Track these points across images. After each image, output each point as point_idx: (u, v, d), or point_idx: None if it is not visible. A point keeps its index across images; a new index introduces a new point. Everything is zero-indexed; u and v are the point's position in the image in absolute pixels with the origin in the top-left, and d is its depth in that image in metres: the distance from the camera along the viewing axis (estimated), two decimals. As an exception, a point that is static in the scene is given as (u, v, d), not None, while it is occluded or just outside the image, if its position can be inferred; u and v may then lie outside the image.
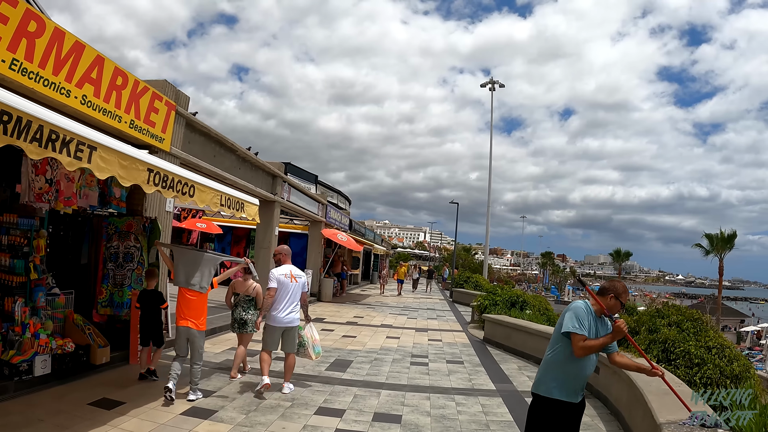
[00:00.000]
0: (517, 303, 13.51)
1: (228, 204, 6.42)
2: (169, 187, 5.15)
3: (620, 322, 3.53)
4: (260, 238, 15.05)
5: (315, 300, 19.93)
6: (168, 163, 5.49)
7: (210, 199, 5.92)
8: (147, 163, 4.77)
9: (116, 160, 4.38)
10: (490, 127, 38.89)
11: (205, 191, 5.82)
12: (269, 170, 14.45)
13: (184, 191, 5.41)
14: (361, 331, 12.69)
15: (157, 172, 4.91)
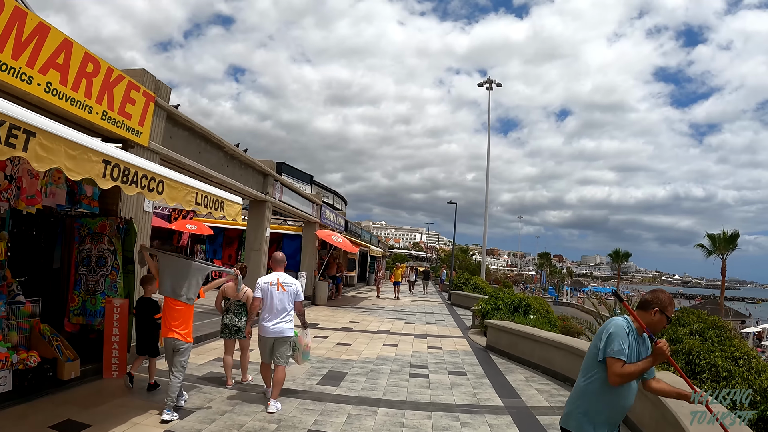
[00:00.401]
0: (521, 307, 12.85)
1: (204, 202, 5.73)
2: (131, 182, 4.45)
3: (662, 344, 2.91)
4: (251, 239, 14.35)
5: (309, 303, 19.23)
6: (132, 155, 4.79)
7: (182, 196, 5.23)
8: (102, 153, 4.09)
9: (62, 149, 3.69)
10: (488, 126, 38.32)
11: (177, 188, 5.13)
12: (260, 168, 13.76)
13: (150, 187, 4.72)
14: (357, 337, 12.00)
15: (115, 165, 4.21)
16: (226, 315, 7.01)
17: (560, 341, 8.68)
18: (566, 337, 9.30)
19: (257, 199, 14.03)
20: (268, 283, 6.14)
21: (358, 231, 31.11)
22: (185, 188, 5.28)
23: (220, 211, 6.21)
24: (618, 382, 2.90)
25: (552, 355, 8.88)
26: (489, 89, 38.09)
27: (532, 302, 13.15)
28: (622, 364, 2.88)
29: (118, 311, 7.10)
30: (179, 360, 5.62)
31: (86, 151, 3.92)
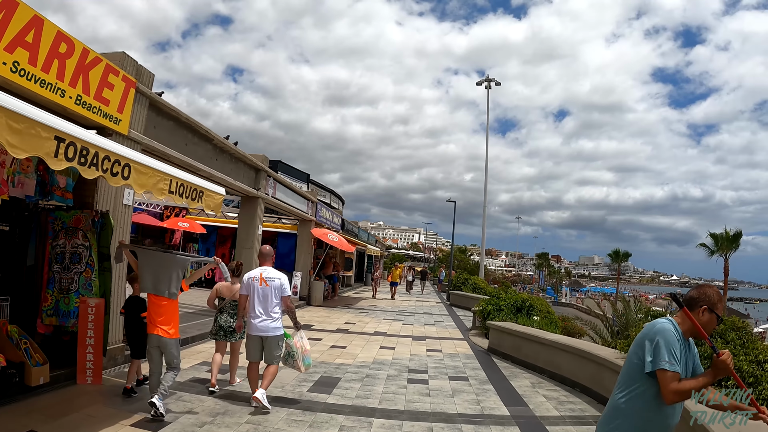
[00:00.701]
0: (524, 308, 12.30)
1: (180, 191, 5.18)
2: (90, 164, 3.90)
3: (725, 356, 2.39)
4: (242, 237, 13.78)
5: (304, 304, 18.68)
6: (93, 134, 4.22)
7: (153, 184, 4.68)
8: (55, 129, 3.54)
9: (3, 121, 3.15)
10: (486, 125, 37.79)
11: (146, 173, 4.57)
12: (252, 163, 13.20)
13: (114, 171, 4.17)
14: (352, 340, 11.44)
15: (71, 143, 3.67)
16: (221, 315, 6.69)
17: (568, 344, 8.14)
18: (574, 340, 8.76)
19: (249, 195, 13.47)
20: (251, 278, 5.88)
21: (356, 230, 30.54)
22: (156, 174, 4.73)
23: (199, 201, 5.67)
24: (674, 400, 2.40)
25: (559, 359, 8.34)
26: (488, 88, 37.68)
27: (536, 303, 12.61)
28: (677, 378, 2.36)
29: (93, 312, 6.54)
30: (171, 358, 5.46)
31: (34, 125, 3.38)
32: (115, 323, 7.52)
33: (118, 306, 7.42)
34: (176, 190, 5.19)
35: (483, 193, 34.00)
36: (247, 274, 6.02)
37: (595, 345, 8.21)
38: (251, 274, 5.96)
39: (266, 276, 5.89)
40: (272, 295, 5.83)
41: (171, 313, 5.55)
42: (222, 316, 6.68)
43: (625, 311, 12.66)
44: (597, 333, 12.50)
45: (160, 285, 5.51)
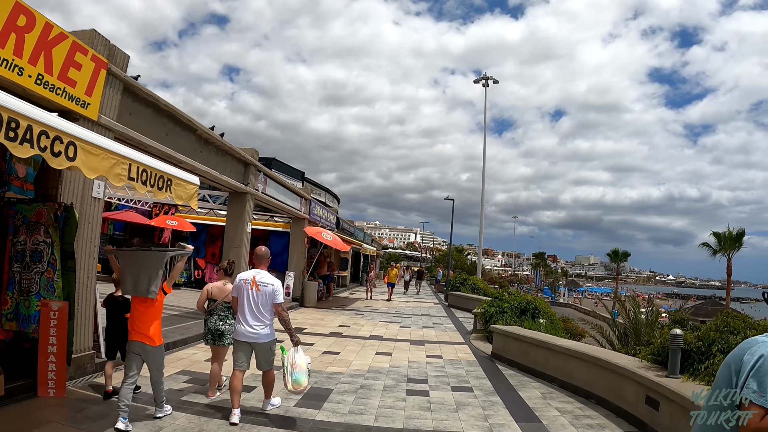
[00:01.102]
0: (528, 310, 11.61)
1: (143, 178, 4.46)
2: (23, 140, 3.20)
3: None
4: (230, 235, 13.05)
5: (297, 305, 17.95)
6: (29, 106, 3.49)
7: (108, 168, 3.96)
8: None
9: None
10: (484, 123, 37.22)
11: (98, 155, 3.85)
12: (240, 157, 12.47)
13: (56, 150, 3.45)
14: (347, 344, 10.72)
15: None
16: (210, 318, 6.28)
17: (583, 351, 7.44)
18: (589, 347, 8.05)
19: (237, 190, 12.74)
20: (243, 280, 5.53)
21: (351, 229, 29.83)
22: (112, 156, 4.00)
23: (167, 191, 4.95)
24: None
25: (571, 367, 7.65)
26: (485, 86, 37.14)
27: (541, 305, 11.92)
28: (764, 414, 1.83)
29: (55, 316, 5.84)
30: (153, 366, 5.16)
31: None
32: (83, 328, 6.81)
33: (83, 309, 6.73)
34: (138, 177, 4.47)
35: (479, 193, 33.48)
36: (240, 276, 5.64)
37: (613, 353, 7.52)
38: (243, 276, 5.58)
39: (259, 280, 5.51)
40: (263, 301, 5.46)
41: (153, 317, 5.17)
42: (211, 319, 6.25)
43: (635, 314, 12.00)
44: (604, 336, 11.83)
45: (139, 285, 5.16)
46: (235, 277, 5.85)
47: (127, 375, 5.06)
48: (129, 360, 5.17)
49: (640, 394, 6.06)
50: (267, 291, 5.48)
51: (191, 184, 5.49)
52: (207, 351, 9.05)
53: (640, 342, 11.53)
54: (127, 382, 4.99)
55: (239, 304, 5.51)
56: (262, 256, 5.75)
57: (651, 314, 12.11)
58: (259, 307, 5.43)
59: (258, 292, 5.44)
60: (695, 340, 6.22)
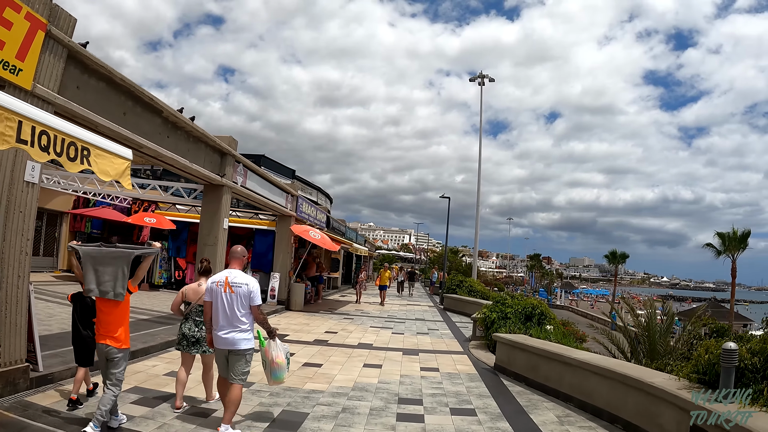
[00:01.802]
0: (534, 315, 10.46)
1: (43, 143, 3.27)
2: None
3: None
4: (204, 232, 11.82)
5: (283, 309, 16.74)
6: None
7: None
8: None
9: None
10: (480, 122, 36.19)
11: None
12: (215, 145, 11.25)
13: None
14: (331, 354, 9.52)
15: None
16: (185, 323, 5.81)
17: (606, 366, 6.27)
18: (613, 361, 6.86)
19: (212, 182, 11.51)
20: (215, 283, 5.09)
21: (342, 228, 28.64)
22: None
23: (83, 163, 3.75)
24: None
25: (591, 385, 6.48)
26: (481, 84, 36.18)
27: (546, 310, 10.76)
28: None
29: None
30: (113, 372, 4.80)
31: None
32: (12, 337, 5.64)
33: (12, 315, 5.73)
34: (35, 140, 3.28)
35: (473, 195, 32.52)
36: (212, 278, 5.21)
37: (644, 369, 6.32)
38: (215, 278, 5.15)
39: (232, 281, 5.04)
40: (238, 304, 5.00)
41: (119, 319, 4.86)
42: (186, 324, 5.79)
43: (649, 320, 10.85)
44: (614, 343, 10.68)
45: (103, 286, 4.80)
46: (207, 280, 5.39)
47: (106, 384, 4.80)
48: (101, 365, 4.92)
49: (683, 421, 4.90)
50: (242, 292, 5.01)
51: (120, 158, 4.29)
52: (171, 362, 7.93)
53: (655, 351, 10.39)
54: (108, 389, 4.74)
55: (213, 308, 5.06)
56: (238, 255, 5.29)
57: (665, 320, 10.97)
58: (234, 310, 4.97)
59: (232, 294, 4.99)
60: (749, 355, 5.08)
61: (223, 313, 4.98)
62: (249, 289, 5.03)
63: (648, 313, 11.28)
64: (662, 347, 10.23)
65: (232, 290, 5.00)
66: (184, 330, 5.76)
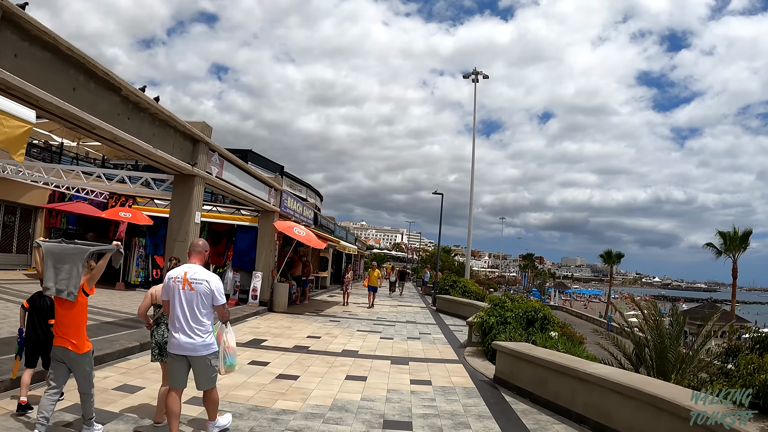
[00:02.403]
0: (536, 320, 9.48)
1: None
2: None
3: None
4: (174, 226, 10.74)
5: (265, 310, 15.68)
6: None
7: None
8: None
9: None
10: (473, 119, 35.39)
11: None
12: (187, 131, 10.18)
13: None
14: (310, 364, 8.49)
15: None
16: (157, 329, 5.26)
17: (629, 384, 5.27)
18: (636, 377, 5.83)
19: (182, 171, 10.44)
20: (172, 278, 4.62)
21: (331, 226, 27.58)
22: None
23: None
24: None
25: (610, 405, 5.50)
26: (475, 81, 35.38)
27: (550, 314, 9.78)
28: None
29: None
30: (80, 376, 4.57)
31: None
32: None
33: None
34: None
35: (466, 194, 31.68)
36: (168, 274, 4.71)
37: (676, 387, 5.29)
38: (173, 273, 4.67)
39: (191, 277, 4.58)
40: (198, 303, 4.53)
41: (77, 320, 4.59)
42: (158, 330, 5.23)
43: (656, 323, 9.88)
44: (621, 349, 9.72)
45: (59, 284, 4.59)
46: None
47: (50, 384, 4.55)
48: (52, 368, 4.64)
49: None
50: (201, 289, 4.53)
51: (16, 120, 3.31)
52: (126, 373, 6.97)
53: (665, 360, 9.42)
54: (49, 392, 4.46)
55: (170, 307, 4.59)
56: (197, 248, 4.80)
57: (675, 324, 10.00)
58: (193, 309, 4.50)
59: (191, 292, 4.51)
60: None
61: (181, 312, 4.49)
62: (209, 287, 4.55)
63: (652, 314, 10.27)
64: (673, 355, 9.28)
65: (192, 287, 4.52)
66: (157, 337, 5.19)
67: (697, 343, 9.70)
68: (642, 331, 10.09)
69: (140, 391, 6.17)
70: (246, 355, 8.83)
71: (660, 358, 9.28)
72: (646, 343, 9.89)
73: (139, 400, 5.80)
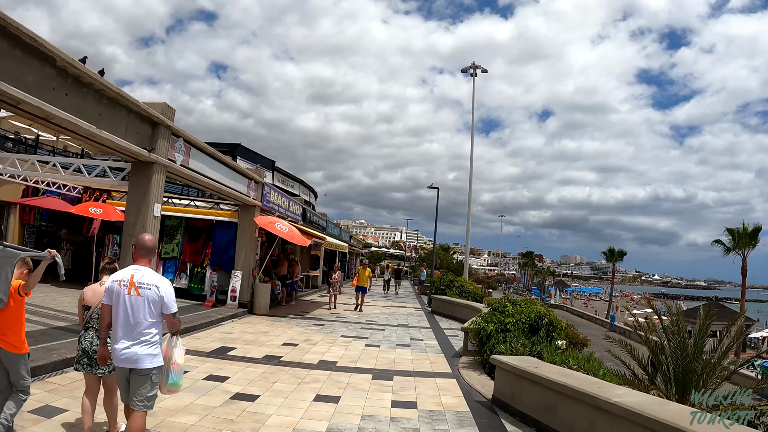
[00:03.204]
0: (541, 327, 8.25)
1: None
2: None
3: None
4: (130, 221, 9.48)
5: (245, 312, 14.45)
6: None
7: None
8: None
9: None
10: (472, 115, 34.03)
11: None
12: (144, 112, 8.92)
13: None
14: (277, 379, 7.25)
15: None
16: (86, 334, 4.67)
17: (672, 423, 4.02)
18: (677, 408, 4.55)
19: (138, 158, 9.18)
20: (117, 281, 4.05)
21: (323, 223, 26.31)
22: None
23: None
24: None
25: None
26: (473, 75, 34.14)
27: (556, 319, 8.55)
28: None
29: None
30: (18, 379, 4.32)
31: None
32: None
33: None
34: None
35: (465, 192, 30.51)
36: (113, 276, 4.18)
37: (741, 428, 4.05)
38: (118, 276, 4.14)
39: (138, 280, 4.05)
40: (145, 310, 4.01)
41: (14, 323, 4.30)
42: (87, 335, 4.65)
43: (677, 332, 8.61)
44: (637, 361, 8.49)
45: None
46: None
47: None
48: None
49: None
50: (150, 296, 4.06)
51: None
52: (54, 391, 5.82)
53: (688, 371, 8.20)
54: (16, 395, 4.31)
55: (113, 314, 4.08)
56: (145, 246, 4.26)
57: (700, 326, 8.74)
58: (139, 318, 4.01)
59: (138, 298, 4.03)
60: None
61: (125, 320, 4.01)
62: (157, 293, 4.05)
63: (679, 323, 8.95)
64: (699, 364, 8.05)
65: (138, 292, 4.02)
66: (84, 344, 4.61)
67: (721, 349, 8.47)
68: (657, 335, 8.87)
69: (60, 415, 5.04)
70: (204, 367, 7.61)
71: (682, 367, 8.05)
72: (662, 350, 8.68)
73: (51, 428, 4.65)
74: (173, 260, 16.34)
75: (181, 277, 16.10)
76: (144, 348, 3.98)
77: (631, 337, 40.43)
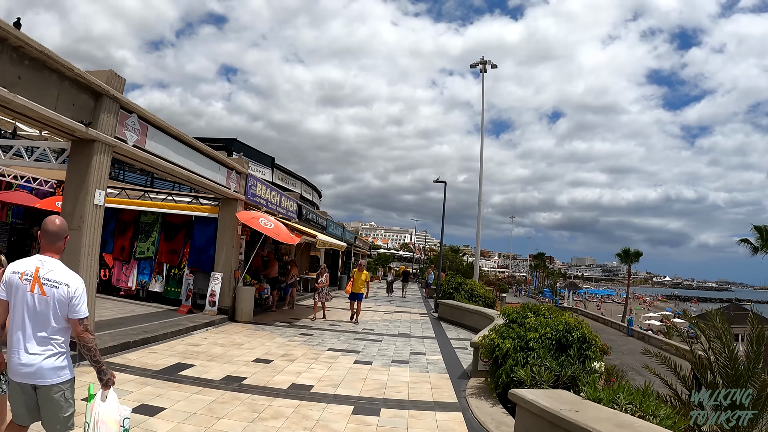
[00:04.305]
0: (571, 344, 6.47)
1: None
2: None
3: None
4: (67, 209, 7.77)
5: (225, 319, 12.77)
6: None
7: None
8: None
9: None
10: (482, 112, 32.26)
11: None
12: (80, 78, 7.24)
13: None
14: (226, 413, 5.52)
15: None
16: None
17: None
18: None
19: (74, 134, 7.52)
20: (18, 274, 3.16)
21: (322, 222, 24.58)
22: None
23: None
24: None
25: None
26: (483, 71, 32.44)
27: (590, 333, 6.76)
28: None
29: None
30: None
31: None
32: None
33: None
34: None
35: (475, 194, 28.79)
36: (12, 266, 3.20)
37: None
38: (18, 266, 3.19)
39: (45, 276, 3.16)
40: (52, 312, 3.15)
41: None
42: None
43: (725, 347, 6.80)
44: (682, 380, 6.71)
45: None
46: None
47: None
48: None
49: None
50: (58, 296, 3.13)
51: None
52: None
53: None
54: None
55: (10, 313, 3.15)
56: (53, 232, 3.22)
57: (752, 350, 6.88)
58: (42, 321, 3.12)
59: (42, 297, 3.11)
60: None
61: (22, 322, 3.11)
62: (68, 292, 3.15)
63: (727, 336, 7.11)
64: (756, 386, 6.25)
65: (44, 291, 3.11)
66: None
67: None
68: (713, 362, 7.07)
69: None
70: (140, 393, 5.92)
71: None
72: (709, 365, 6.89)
73: None
74: (148, 260, 14.69)
75: (156, 280, 14.45)
76: (51, 359, 3.15)
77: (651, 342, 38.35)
